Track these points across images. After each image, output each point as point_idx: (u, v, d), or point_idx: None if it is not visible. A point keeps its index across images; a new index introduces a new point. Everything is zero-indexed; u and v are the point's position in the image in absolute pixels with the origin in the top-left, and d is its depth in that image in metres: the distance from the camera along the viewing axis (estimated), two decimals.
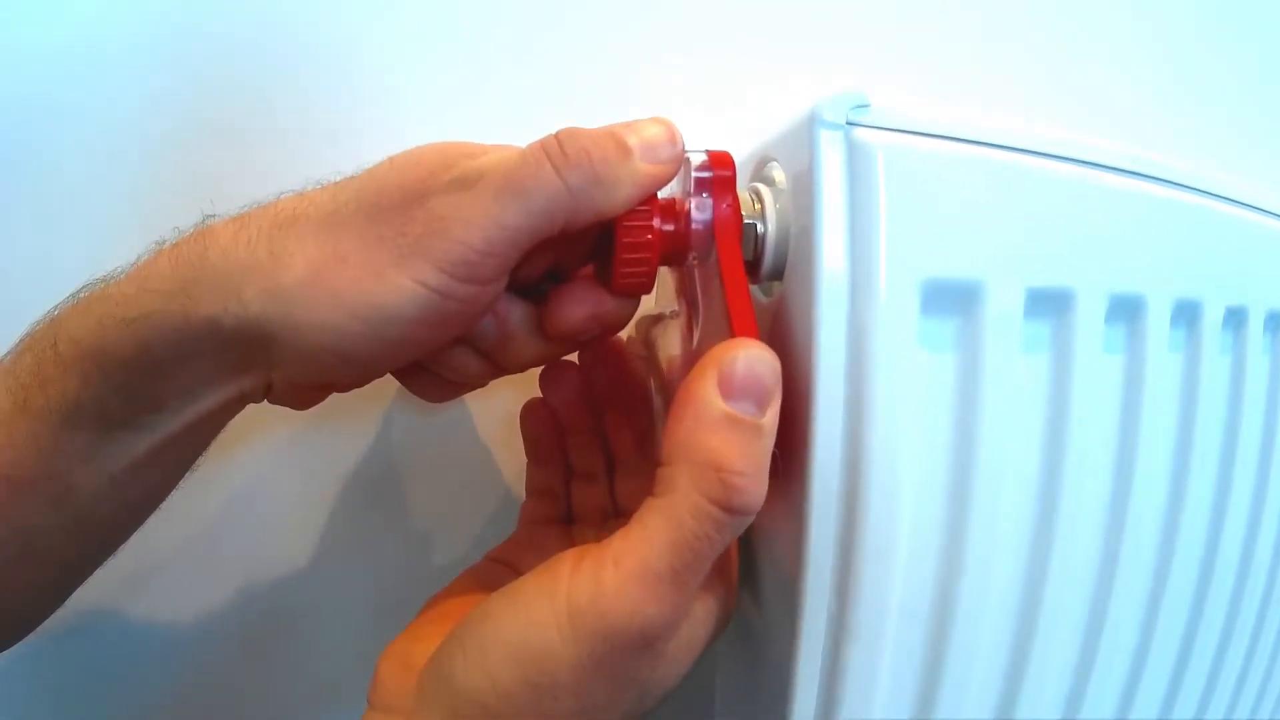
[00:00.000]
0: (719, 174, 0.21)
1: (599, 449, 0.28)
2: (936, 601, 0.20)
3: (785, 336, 0.20)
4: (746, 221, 0.21)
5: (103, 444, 0.21)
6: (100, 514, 0.23)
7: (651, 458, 0.27)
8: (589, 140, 0.19)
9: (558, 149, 0.19)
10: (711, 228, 0.21)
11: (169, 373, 0.20)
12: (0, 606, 0.24)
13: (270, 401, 0.23)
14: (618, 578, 0.17)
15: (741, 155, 0.24)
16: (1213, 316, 0.25)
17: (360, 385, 0.23)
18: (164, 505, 0.25)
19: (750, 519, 0.18)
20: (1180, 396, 0.25)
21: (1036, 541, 0.21)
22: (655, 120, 0.21)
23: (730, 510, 0.17)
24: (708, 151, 0.21)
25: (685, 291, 0.23)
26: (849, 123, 0.19)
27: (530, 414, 0.28)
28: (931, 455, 0.20)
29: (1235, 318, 0.26)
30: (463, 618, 0.19)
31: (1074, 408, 0.21)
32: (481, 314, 0.21)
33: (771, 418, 0.18)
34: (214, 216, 0.21)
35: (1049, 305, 0.21)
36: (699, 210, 0.20)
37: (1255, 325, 0.27)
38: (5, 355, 0.22)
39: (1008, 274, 0.20)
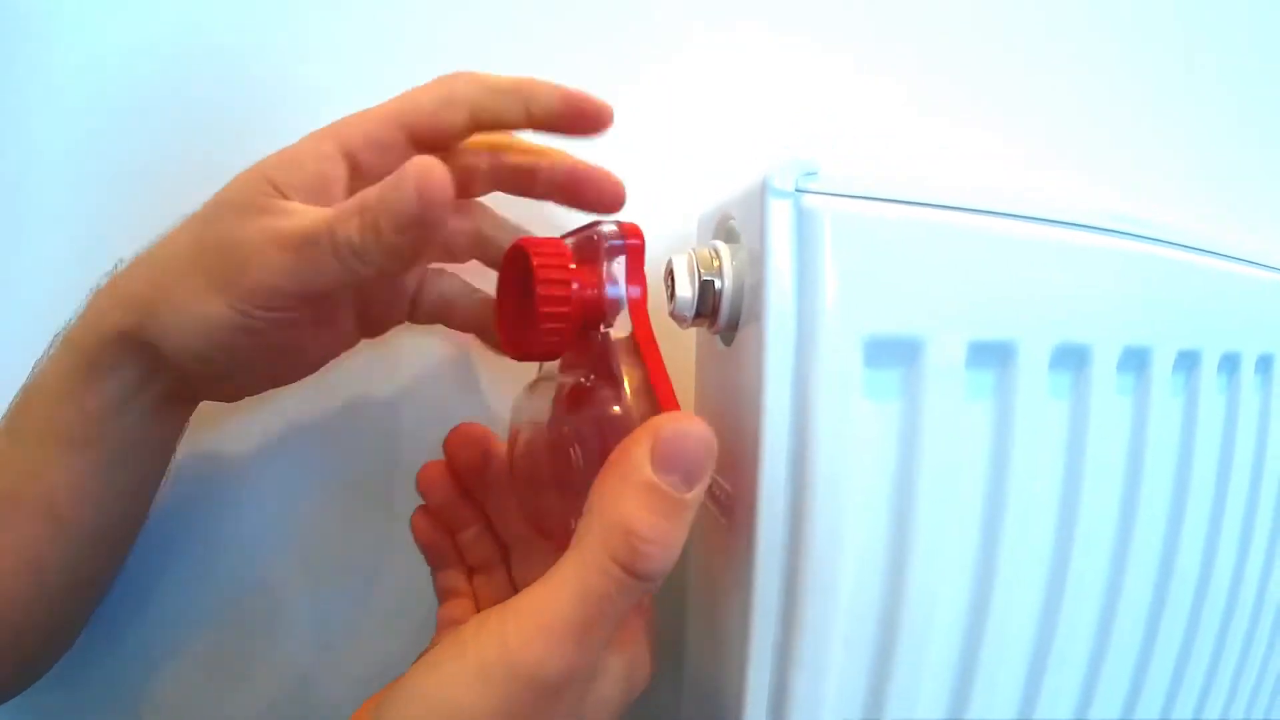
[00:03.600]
0: (630, 243, 0.21)
1: (490, 539, 0.28)
2: (880, 636, 0.22)
3: (738, 385, 0.22)
4: (705, 278, 0.22)
5: (75, 457, 0.24)
6: (84, 521, 0.25)
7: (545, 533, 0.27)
8: (353, 225, 0.21)
9: (329, 233, 0.21)
10: (624, 299, 0.21)
11: (98, 384, 0.24)
12: (15, 622, 0.26)
13: (192, 397, 0.26)
14: (522, 630, 0.18)
15: (706, 208, 0.25)
16: (1163, 361, 0.26)
17: (254, 384, 0.26)
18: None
19: (654, 586, 0.19)
20: (1130, 439, 0.26)
21: (979, 583, 0.23)
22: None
23: (633, 574, 0.18)
24: (618, 223, 0.22)
25: (583, 360, 0.23)
26: (798, 189, 0.20)
27: (417, 524, 0.28)
28: (875, 498, 0.21)
29: (1187, 360, 0.27)
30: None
31: (1016, 452, 0.22)
32: (309, 323, 0.24)
33: (696, 495, 0.19)
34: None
35: (991, 356, 0.22)
36: (611, 282, 0.21)
37: (1208, 367, 0.28)
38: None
39: (949, 329, 0.21)
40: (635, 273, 0.22)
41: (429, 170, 0.20)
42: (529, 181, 0.27)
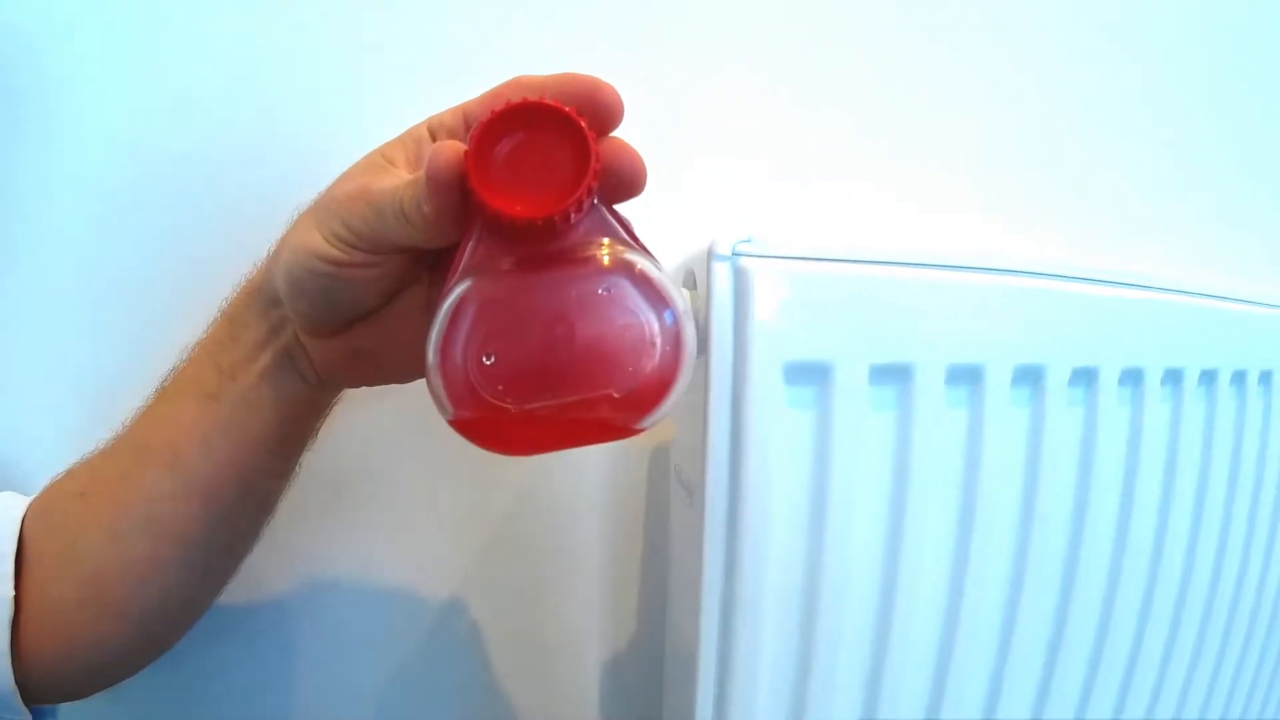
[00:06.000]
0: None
1: None
2: (805, 584, 0.28)
3: (702, 401, 0.29)
4: None
5: (199, 413, 0.29)
6: (205, 475, 0.29)
7: None
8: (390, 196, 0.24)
9: (394, 194, 0.24)
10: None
11: (238, 337, 0.29)
12: (142, 592, 0.30)
13: (313, 378, 0.29)
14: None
15: (680, 259, 0.32)
16: (1057, 377, 0.32)
17: (342, 325, 0.28)
18: None
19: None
20: (1027, 445, 0.32)
21: (887, 562, 0.29)
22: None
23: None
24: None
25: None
26: (735, 254, 0.27)
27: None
28: (797, 483, 0.28)
29: (1086, 376, 0.33)
30: None
31: (916, 453, 0.29)
32: (380, 274, 0.26)
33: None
34: None
35: (892, 376, 0.29)
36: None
37: (1108, 381, 0.33)
38: None
39: (852, 355, 0.28)
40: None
41: (437, 150, 0.22)
42: None
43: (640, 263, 0.23)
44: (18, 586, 0.29)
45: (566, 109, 0.21)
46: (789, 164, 0.42)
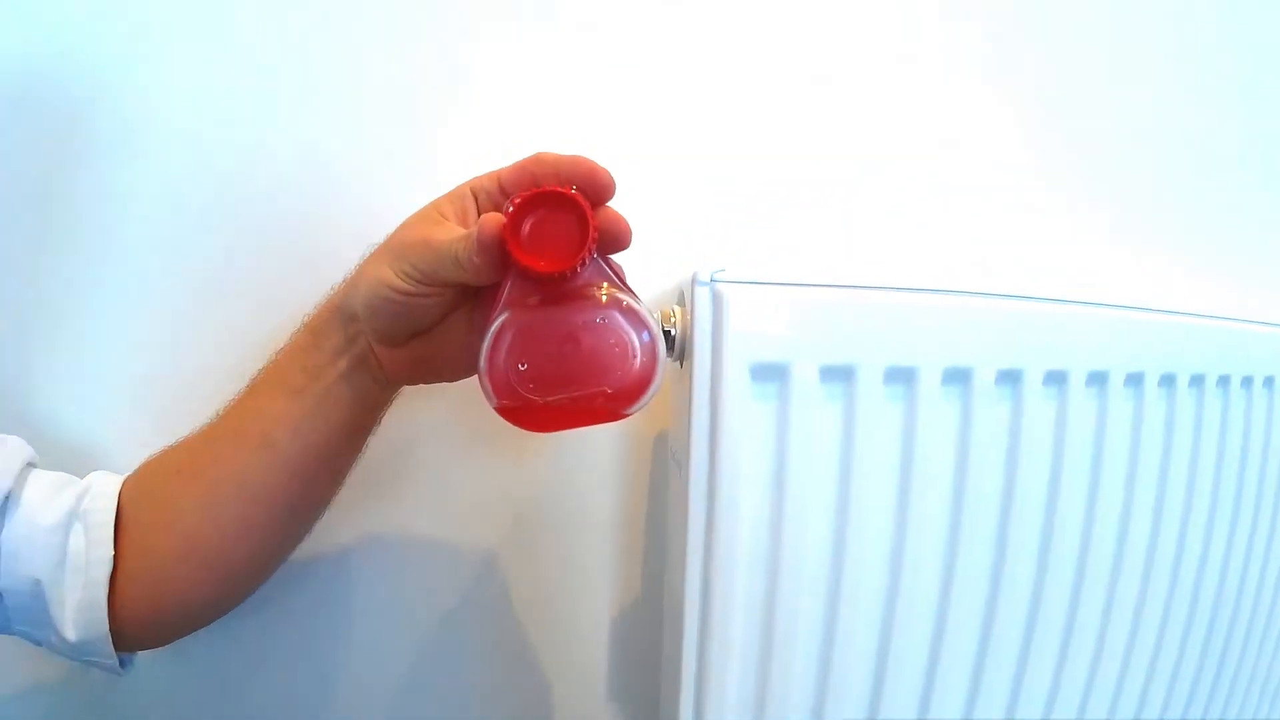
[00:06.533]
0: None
1: None
2: (770, 542, 0.36)
3: (686, 389, 0.37)
4: (666, 328, 0.37)
5: (291, 402, 0.36)
6: (292, 455, 0.37)
7: None
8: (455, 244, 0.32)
9: (449, 246, 0.32)
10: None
11: (317, 345, 0.36)
12: (234, 547, 0.37)
13: (381, 379, 0.37)
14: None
15: (673, 281, 0.40)
16: (984, 377, 0.39)
17: (407, 339, 0.36)
18: None
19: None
20: (957, 436, 0.39)
21: (837, 520, 0.37)
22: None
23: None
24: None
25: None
26: (713, 280, 0.35)
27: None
28: (762, 459, 0.36)
29: (1010, 377, 0.40)
30: None
31: (858, 440, 0.36)
32: (438, 302, 0.34)
33: None
34: None
35: (839, 375, 0.36)
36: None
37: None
38: None
39: (805, 357, 0.35)
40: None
41: (483, 224, 0.30)
42: None
43: (626, 299, 0.31)
44: (116, 549, 0.37)
45: (573, 194, 0.30)
46: (766, 196, 0.50)
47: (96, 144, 0.45)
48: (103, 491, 0.38)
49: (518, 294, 0.31)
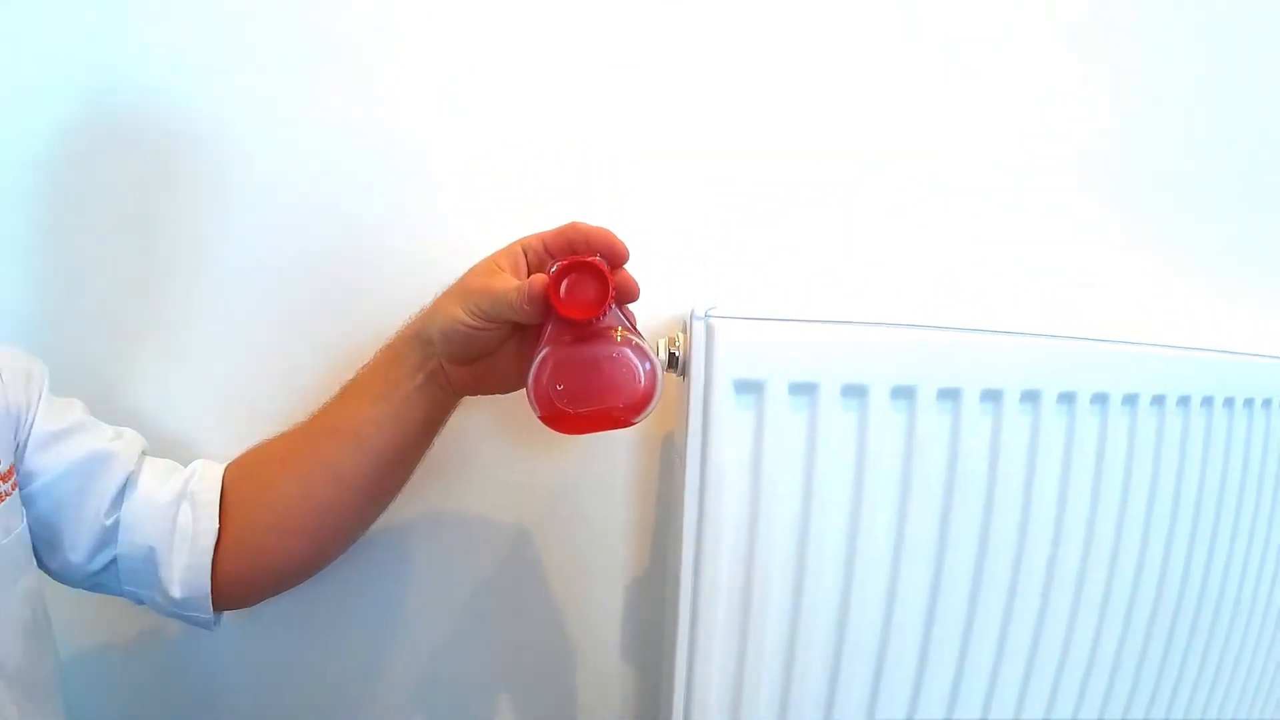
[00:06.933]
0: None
1: None
2: (748, 525, 0.46)
3: (684, 399, 0.47)
4: (672, 351, 0.48)
5: (377, 406, 0.46)
6: (377, 447, 0.46)
7: None
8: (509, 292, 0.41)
9: (504, 294, 0.41)
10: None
11: (399, 362, 0.46)
12: (324, 521, 0.47)
13: (448, 390, 0.46)
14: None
15: (679, 308, 0.51)
16: (926, 393, 0.49)
17: (471, 360, 0.45)
18: None
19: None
20: (904, 441, 0.48)
21: (803, 500, 0.47)
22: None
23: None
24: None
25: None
26: (707, 315, 0.46)
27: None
28: (743, 456, 0.46)
29: (951, 394, 0.49)
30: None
31: (820, 442, 0.46)
32: (496, 334, 0.43)
33: None
34: None
35: (804, 389, 0.46)
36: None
37: (970, 397, 0.50)
38: None
39: (777, 375, 0.46)
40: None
41: (531, 282, 0.40)
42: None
43: (635, 339, 0.42)
44: (220, 523, 0.46)
45: (598, 263, 0.40)
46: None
47: (194, 172, 0.55)
48: (208, 474, 0.48)
49: (556, 333, 0.41)
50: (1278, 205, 0.70)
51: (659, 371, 0.42)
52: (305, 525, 0.48)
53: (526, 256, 0.45)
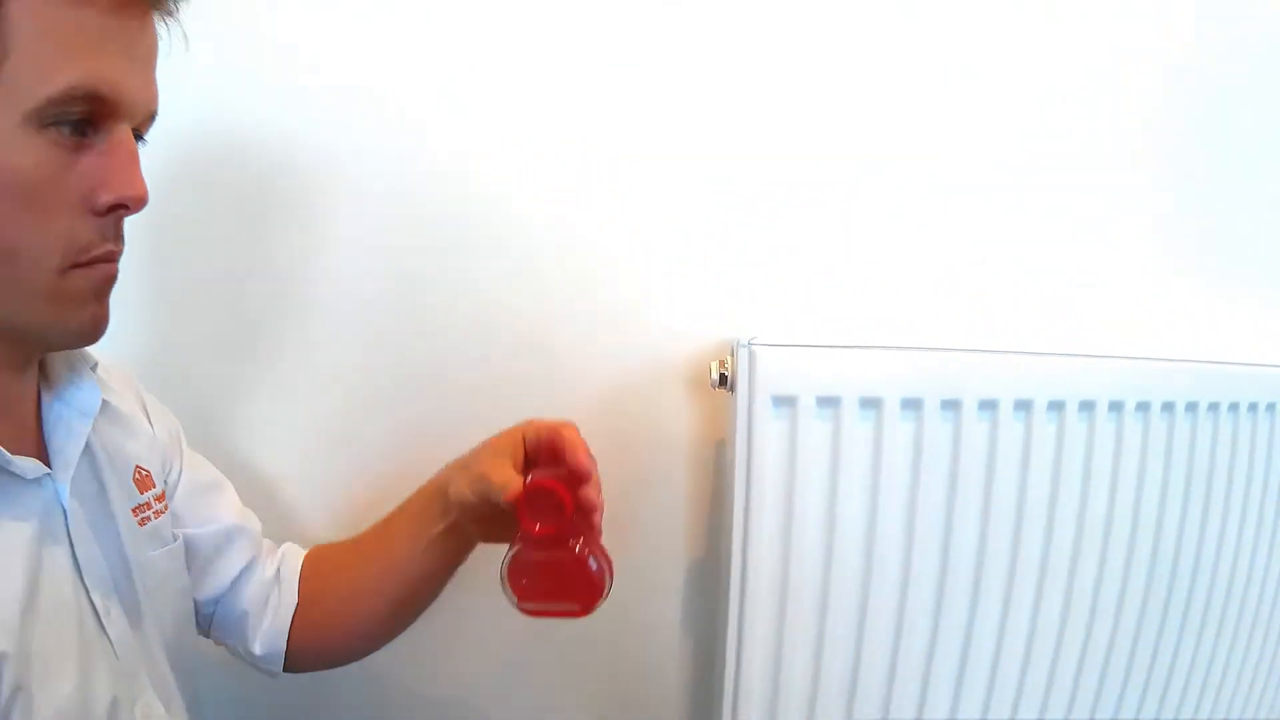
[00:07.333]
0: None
1: None
2: (783, 517, 0.57)
3: (733, 412, 0.58)
4: (723, 372, 0.59)
5: (409, 543, 0.56)
6: (407, 575, 0.56)
7: None
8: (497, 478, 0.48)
9: (498, 482, 0.48)
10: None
11: (427, 511, 0.56)
12: (367, 618, 0.57)
13: (465, 538, 0.55)
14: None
15: (728, 333, 0.62)
16: (931, 404, 0.59)
17: (483, 519, 0.52)
18: None
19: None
20: (911, 445, 0.59)
21: (829, 489, 0.57)
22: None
23: None
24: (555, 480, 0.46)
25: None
26: (750, 344, 0.57)
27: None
28: (779, 458, 0.57)
29: (952, 404, 0.60)
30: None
31: (842, 446, 0.57)
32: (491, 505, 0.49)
33: None
34: None
35: (829, 403, 0.57)
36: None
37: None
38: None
39: (806, 392, 0.57)
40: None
41: (507, 485, 0.47)
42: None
43: (588, 550, 0.47)
44: (299, 599, 0.57)
45: (560, 489, 0.46)
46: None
47: (302, 215, 0.63)
48: (293, 560, 0.59)
49: (523, 535, 0.47)
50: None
51: (608, 578, 0.48)
52: (353, 619, 0.59)
53: (525, 440, 0.52)
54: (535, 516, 0.46)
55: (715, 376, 0.60)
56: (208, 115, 0.62)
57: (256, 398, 0.67)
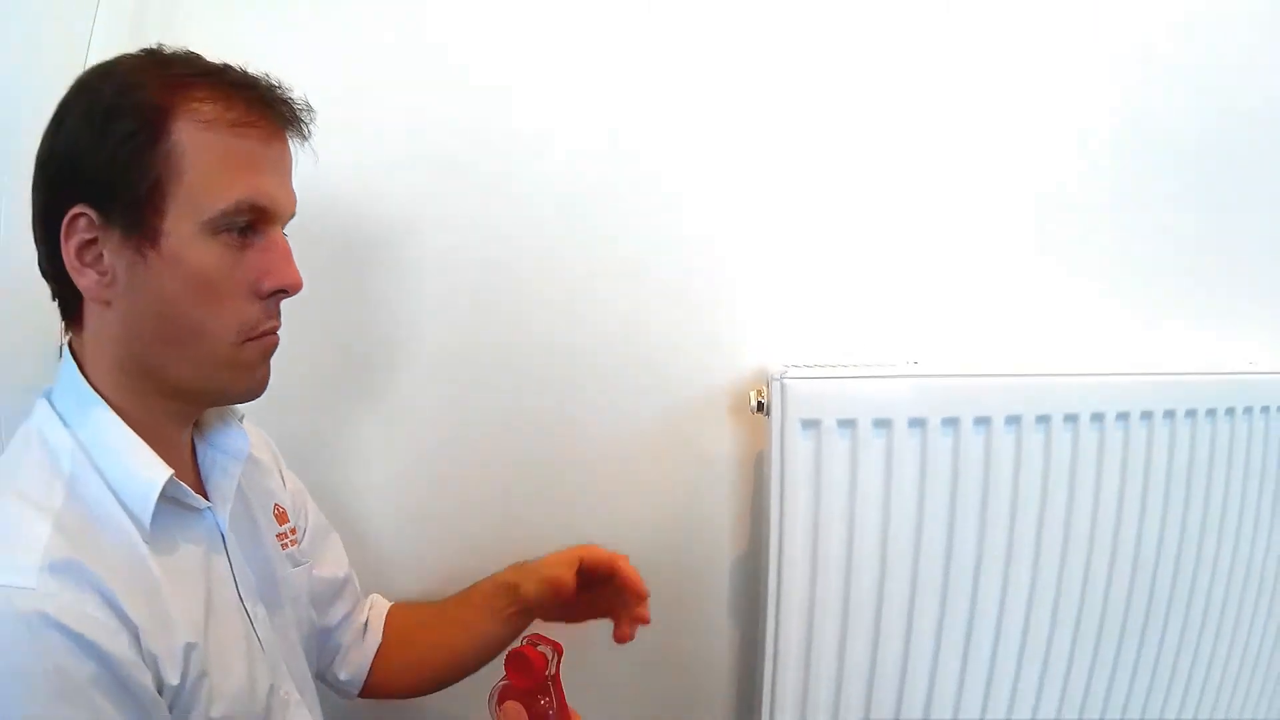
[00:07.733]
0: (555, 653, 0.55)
1: None
2: (809, 528, 0.70)
3: (768, 434, 0.71)
4: (760, 400, 0.72)
5: (490, 616, 0.66)
6: (475, 641, 0.66)
7: None
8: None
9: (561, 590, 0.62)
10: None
11: (499, 596, 0.66)
12: (436, 668, 0.67)
13: (529, 617, 0.66)
14: None
15: (762, 361, 0.75)
16: (933, 422, 0.71)
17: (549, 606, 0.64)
18: None
19: None
20: (920, 460, 0.71)
21: (850, 497, 0.70)
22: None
23: None
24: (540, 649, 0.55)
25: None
26: (782, 376, 0.70)
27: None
28: (807, 473, 0.70)
29: (951, 422, 0.72)
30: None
31: (860, 462, 0.70)
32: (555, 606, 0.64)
33: None
34: None
35: (847, 424, 0.70)
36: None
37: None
38: None
39: (829, 415, 0.69)
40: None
41: (569, 582, 0.62)
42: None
43: (554, 710, 0.54)
44: (380, 643, 0.67)
45: (542, 659, 0.54)
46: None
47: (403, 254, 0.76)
48: (380, 607, 0.70)
49: (504, 686, 0.55)
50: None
51: None
52: (430, 669, 0.69)
53: (582, 563, 0.63)
54: (518, 671, 0.55)
55: (754, 404, 0.73)
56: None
57: (376, 454, 0.77)
